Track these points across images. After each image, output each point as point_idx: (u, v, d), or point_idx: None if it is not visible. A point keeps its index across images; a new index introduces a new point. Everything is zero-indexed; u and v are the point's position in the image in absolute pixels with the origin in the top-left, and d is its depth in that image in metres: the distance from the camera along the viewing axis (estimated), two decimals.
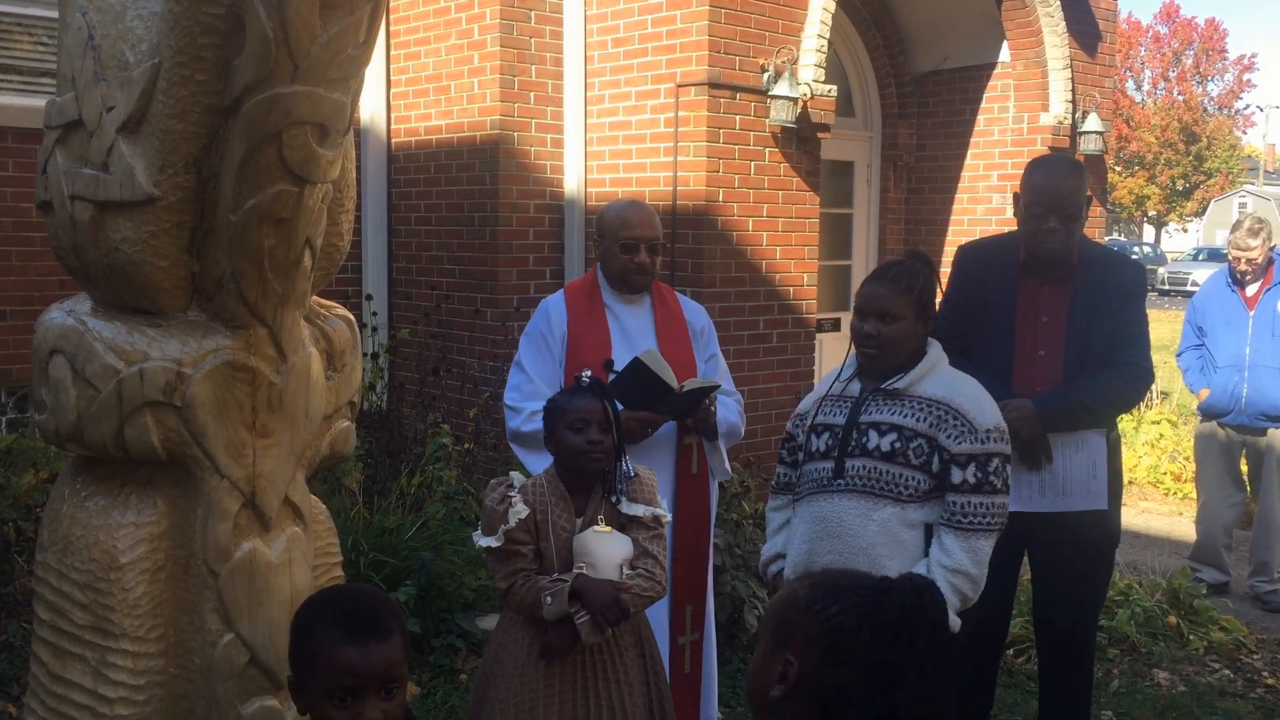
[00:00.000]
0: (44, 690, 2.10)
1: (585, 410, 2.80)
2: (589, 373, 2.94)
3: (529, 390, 3.52)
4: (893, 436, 2.85)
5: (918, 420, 2.85)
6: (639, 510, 2.84)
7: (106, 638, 2.03)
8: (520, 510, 2.74)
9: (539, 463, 3.39)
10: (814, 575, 1.67)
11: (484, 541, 2.77)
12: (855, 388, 3.03)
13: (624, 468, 2.88)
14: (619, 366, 3.43)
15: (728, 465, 3.72)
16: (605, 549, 2.76)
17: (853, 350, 3.08)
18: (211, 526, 2.06)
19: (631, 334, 3.59)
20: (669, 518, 2.92)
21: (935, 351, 2.99)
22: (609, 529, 2.80)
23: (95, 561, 2.04)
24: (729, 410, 3.65)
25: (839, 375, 3.10)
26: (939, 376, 2.93)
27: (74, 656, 2.06)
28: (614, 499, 2.83)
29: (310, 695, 1.88)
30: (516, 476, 2.86)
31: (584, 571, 2.72)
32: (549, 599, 2.68)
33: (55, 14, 6.67)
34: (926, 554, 2.84)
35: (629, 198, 5.91)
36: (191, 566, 2.08)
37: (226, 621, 2.07)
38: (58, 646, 2.08)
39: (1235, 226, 6.12)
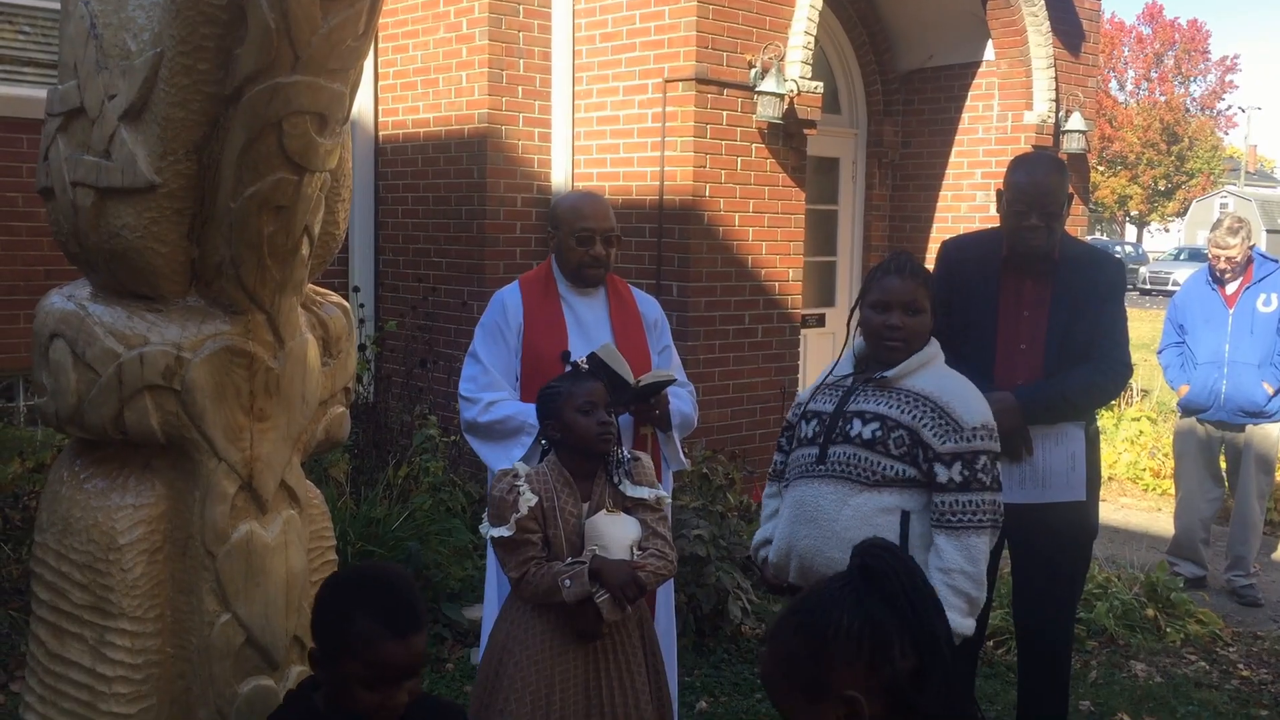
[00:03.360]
0: (42, 669, 2.13)
1: (593, 392, 2.89)
2: (582, 358, 3.00)
3: (485, 381, 3.55)
4: (875, 425, 2.87)
5: (901, 412, 2.86)
6: (643, 492, 2.92)
7: (105, 617, 2.06)
8: (530, 498, 2.79)
9: (493, 454, 3.44)
10: (781, 625, 1.56)
11: (496, 532, 2.82)
12: (846, 376, 3.07)
13: (625, 451, 2.96)
14: (575, 358, 3.47)
15: (682, 456, 3.74)
16: (617, 531, 2.84)
17: (853, 341, 3.12)
18: (209, 508, 2.09)
19: (587, 326, 3.61)
20: (669, 498, 2.98)
21: (933, 348, 3.00)
22: (618, 511, 2.88)
23: (94, 542, 2.07)
24: (682, 402, 3.67)
25: (835, 365, 3.13)
26: (931, 372, 2.94)
27: (73, 636, 2.09)
28: (617, 481, 2.90)
29: (341, 676, 1.96)
30: (521, 466, 2.92)
31: (598, 553, 2.79)
32: (568, 582, 2.73)
33: (37, 2, 6.66)
34: (901, 537, 2.85)
35: (583, 189, 5.97)
36: (189, 548, 2.11)
37: (223, 602, 2.10)
38: (57, 626, 2.11)
39: (1215, 225, 6.20)
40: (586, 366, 2.97)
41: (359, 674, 1.94)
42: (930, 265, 3.97)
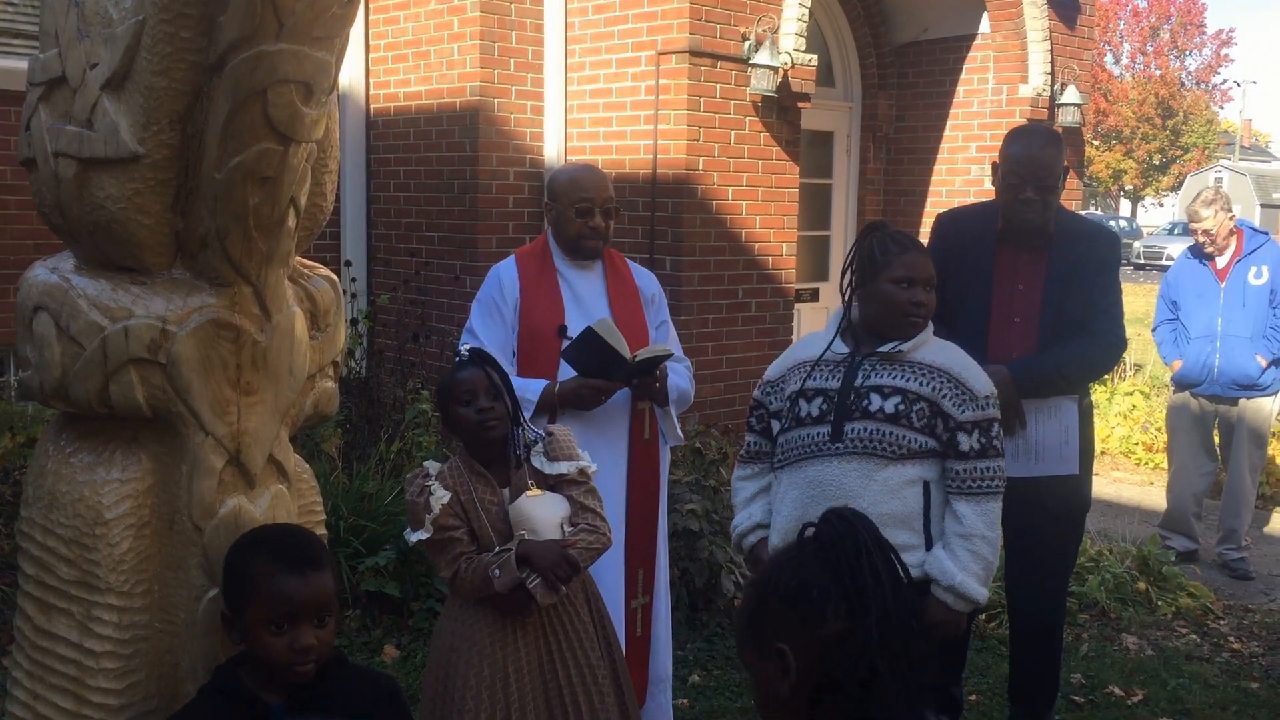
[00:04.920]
0: (30, 644, 2.11)
1: (469, 381, 2.78)
2: (466, 345, 2.94)
3: None
4: (896, 399, 2.88)
5: (920, 385, 2.89)
6: (563, 468, 2.82)
7: (92, 592, 2.04)
8: (441, 496, 2.72)
9: None
10: (744, 588, 1.64)
11: (415, 536, 2.75)
12: (843, 352, 3.04)
13: (524, 431, 2.85)
14: (572, 333, 3.44)
15: (679, 431, 3.73)
16: (542, 511, 2.76)
17: (838, 315, 3.09)
18: (196, 483, 2.07)
19: (584, 300, 3.58)
20: (594, 467, 2.89)
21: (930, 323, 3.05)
22: (540, 491, 2.79)
23: (80, 517, 2.04)
24: (680, 377, 3.66)
25: (828, 342, 3.07)
26: (934, 346, 2.99)
27: (60, 611, 2.07)
28: (528, 459, 2.81)
29: (247, 625, 1.99)
30: (432, 465, 2.84)
31: (527, 537, 2.72)
32: (497, 571, 2.67)
33: None
34: (925, 507, 2.88)
35: (581, 162, 5.92)
36: (176, 523, 2.09)
37: (211, 577, 2.08)
38: (44, 601, 2.09)
39: (1194, 198, 6.20)
40: (466, 355, 2.85)
41: (262, 616, 1.96)
42: (925, 239, 3.96)
